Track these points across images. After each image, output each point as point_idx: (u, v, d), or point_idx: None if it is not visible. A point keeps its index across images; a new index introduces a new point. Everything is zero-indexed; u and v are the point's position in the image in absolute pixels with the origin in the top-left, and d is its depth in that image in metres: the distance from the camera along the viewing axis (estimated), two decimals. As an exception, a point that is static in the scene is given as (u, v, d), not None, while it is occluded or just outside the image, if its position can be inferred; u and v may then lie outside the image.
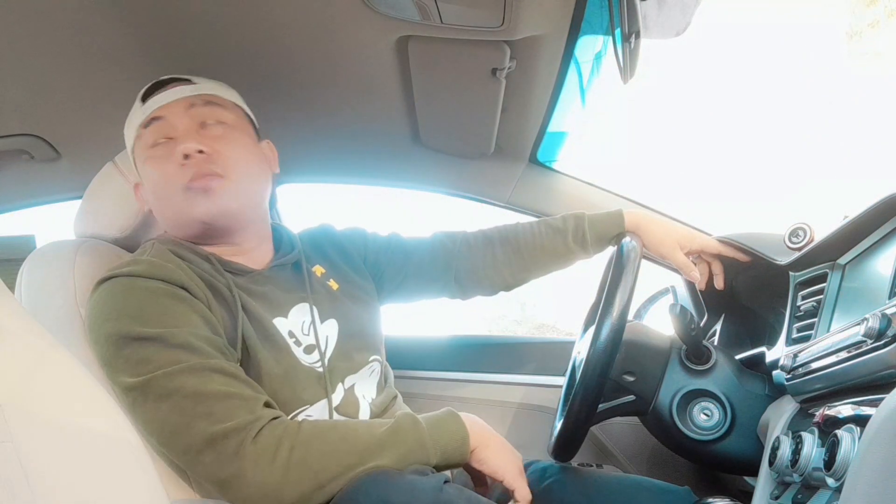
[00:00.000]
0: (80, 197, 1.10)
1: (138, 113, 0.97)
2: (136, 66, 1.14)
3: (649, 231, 1.15)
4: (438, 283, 1.21)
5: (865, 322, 0.65)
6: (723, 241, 1.16)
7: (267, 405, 0.84)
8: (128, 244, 1.08)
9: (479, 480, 0.94)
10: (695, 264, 1.16)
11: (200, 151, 0.92)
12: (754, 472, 0.89)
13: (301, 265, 1.05)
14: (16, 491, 0.53)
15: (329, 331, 1.02)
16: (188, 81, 0.99)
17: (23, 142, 1.32)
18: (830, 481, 0.62)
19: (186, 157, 0.92)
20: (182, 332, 0.83)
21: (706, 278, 1.16)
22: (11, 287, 0.83)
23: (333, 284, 1.07)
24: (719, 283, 1.15)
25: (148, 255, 0.92)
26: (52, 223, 1.63)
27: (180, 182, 0.92)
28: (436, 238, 1.22)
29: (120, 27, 1.05)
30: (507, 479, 0.88)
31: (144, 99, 0.98)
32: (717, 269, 1.16)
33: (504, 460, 0.89)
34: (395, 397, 1.08)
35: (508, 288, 1.24)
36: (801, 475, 0.71)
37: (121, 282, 0.87)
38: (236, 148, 0.96)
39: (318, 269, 1.08)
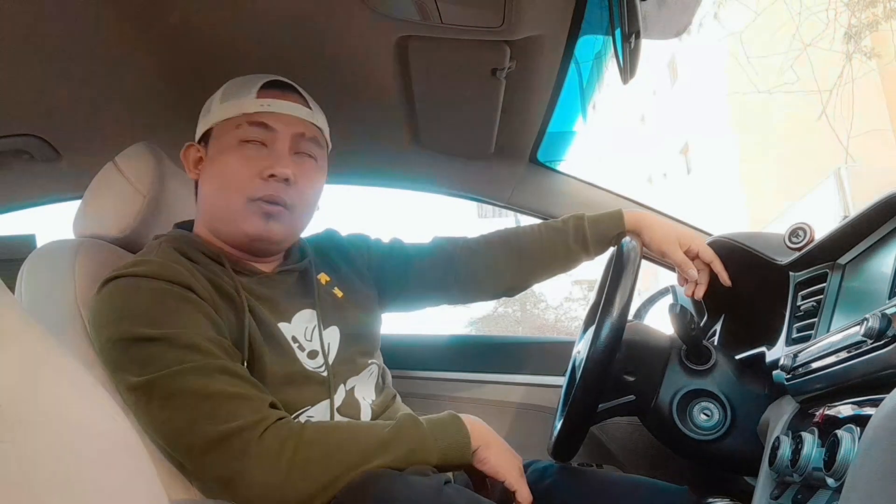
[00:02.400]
0: (80, 197, 1.10)
1: (250, 101, 0.96)
2: (137, 67, 1.14)
3: (649, 229, 1.15)
4: (440, 289, 1.20)
5: (865, 322, 0.65)
6: (721, 241, 1.16)
7: (272, 406, 0.85)
8: (128, 244, 1.08)
9: (480, 482, 0.94)
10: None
11: (286, 180, 0.93)
12: (754, 472, 0.89)
13: (309, 273, 1.05)
14: (16, 491, 0.53)
15: (331, 337, 1.02)
16: (304, 100, 1.00)
17: (23, 142, 1.32)
18: (830, 481, 0.62)
19: (272, 176, 0.93)
20: (188, 333, 0.83)
21: (692, 288, 1.16)
22: (11, 287, 0.83)
23: (338, 292, 1.07)
24: (699, 293, 1.15)
25: (154, 255, 0.92)
26: (52, 223, 1.63)
27: (251, 191, 0.93)
28: (436, 243, 1.22)
29: (121, 29, 1.05)
30: (508, 480, 0.89)
31: (259, 91, 0.97)
32: (704, 278, 1.15)
33: (505, 462, 0.89)
34: (395, 397, 1.08)
35: (511, 291, 1.24)
36: (801, 475, 0.71)
37: (126, 282, 0.87)
38: (313, 187, 1.00)
39: (324, 277, 1.08)
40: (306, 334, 0.98)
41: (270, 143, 0.96)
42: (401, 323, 1.42)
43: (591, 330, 0.99)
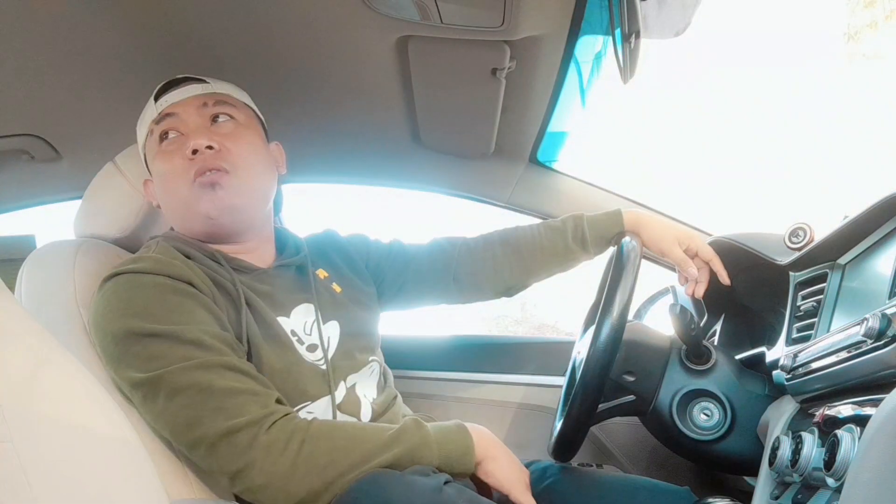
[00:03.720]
0: (80, 197, 1.10)
1: (151, 110, 0.99)
2: (137, 66, 1.15)
3: (648, 228, 1.15)
4: (438, 288, 1.20)
5: (865, 322, 0.65)
6: (720, 241, 1.16)
7: (278, 402, 0.85)
8: (128, 244, 1.08)
9: (485, 493, 0.94)
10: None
11: (209, 147, 0.93)
12: (754, 472, 0.89)
13: (305, 268, 1.05)
14: (16, 491, 0.53)
15: (331, 331, 1.02)
16: (201, 81, 1.01)
17: (23, 142, 1.32)
18: (830, 481, 0.62)
19: (195, 151, 0.93)
20: (192, 329, 0.83)
21: (692, 287, 1.16)
22: (11, 287, 0.83)
23: (336, 288, 1.08)
24: (699, 292, 1.15)
25: (152, 253, 0.92)
26: (52, 223, 1.63)
27: (188, 176, 0.93)
28: (435, 243, 1.22)
29: (121, 28, 1.05)
30: (514, 493, 0.89)
31: (157, 97, 0.99)
32: (704, 276, 1.15)
33: (511, 475, 0.90)
34: (396, 397, 1.08)
35: (510, 291, 1.24)
36: (801, 475, 0.71)
37: (127, 278, 0.87)
38: (245, 145, 0.98)
39: (322, 273, 1.08)
40: (305, 328, 0.98)
41: (184, 128, 0.96)
42: (401, 323, 1.42)
43: (591, 330, 0.99)
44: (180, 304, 0.85)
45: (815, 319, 0.89)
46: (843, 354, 0.72)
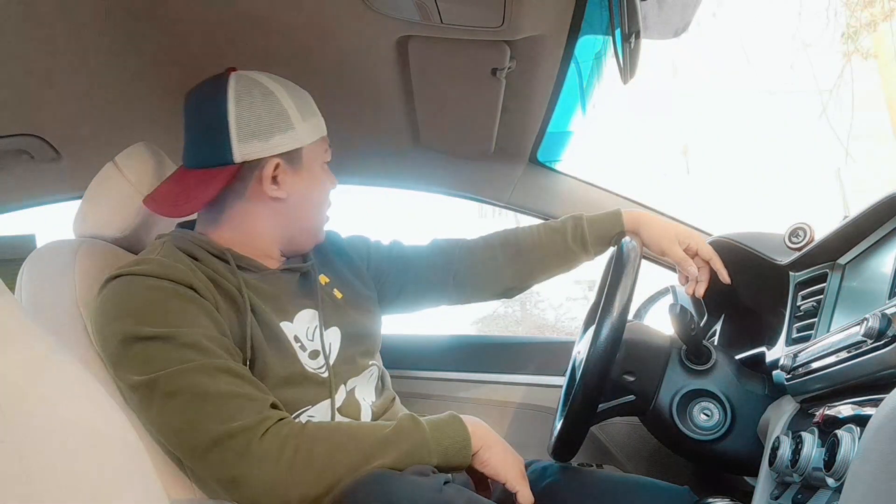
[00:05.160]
0: (80, 197, 1.10)
1: (322, 124, 1.04)
2: (137, 67, 1.15)
3: (649, 227, 1.15)
4: (438, 289, 1.20)
5: (865, 322, 0.65)
6: (721, 241, 1.16)
7: (273, 406, 0.85)
8: (128, 244, 1.08)
9: (482, 483, 0.94)
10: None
11: None
12: (754, 472, 0.89)
13: (310, 274, 1.05)
14: (16, 491, 0.53)
15: (332, 338, 1.02)
16: None
17: (23, 142, 1.31)
18: (830, 481, 0.62)
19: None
20: (190, 333, 0.83)
21: (692, 286, 1.16)
22: (11, 287, 0.83)
23: (338, 293, 1.08)
24: (700, 291, 1.15)
25: (157, 254, 0.92)
26: (52, 223, 1.63)
27: (326, 208, 1.07)
28: (435, 244, 1.22)
29: (120, 29, 1.05)
30: (510, 481, 0.89)
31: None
32: (704, 275, 1.15)
33: (506, 463, 0.89)
34: (394, 399, 1.08)
35: (510, 292, 1.24)
36: (801, 475, 0.71)
37: (129, 280, 0.87)
38: None
39: (324, 279, 1.08)
40: (308, 334, 0.98)
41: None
42: (401, 323, 1.42)
43: (591, 330, 0.99)
44: (181, 308, 0.85)
45: (815, 319, 0.89)
46: (843, 354, 0.72)
